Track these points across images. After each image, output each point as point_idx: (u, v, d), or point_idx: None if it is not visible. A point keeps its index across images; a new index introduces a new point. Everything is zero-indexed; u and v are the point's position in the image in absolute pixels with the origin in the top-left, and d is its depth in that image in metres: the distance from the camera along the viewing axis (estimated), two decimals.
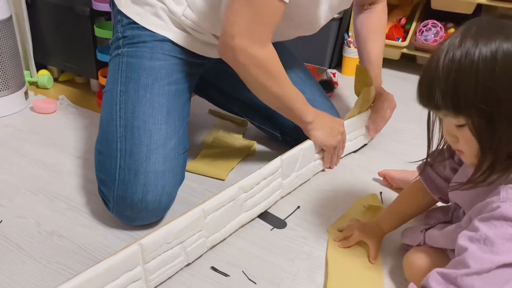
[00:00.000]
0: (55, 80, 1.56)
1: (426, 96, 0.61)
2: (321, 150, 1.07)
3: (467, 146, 0.62)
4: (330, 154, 1.08)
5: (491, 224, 0.58)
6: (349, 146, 1.15)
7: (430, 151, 0.72)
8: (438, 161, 0.76)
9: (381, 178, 1.07)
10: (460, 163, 0.74)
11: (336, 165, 1.13)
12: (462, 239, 0.61)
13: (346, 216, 0.94)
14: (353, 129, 1.14)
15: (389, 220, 0.85)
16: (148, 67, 0.93)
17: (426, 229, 0.77)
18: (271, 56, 0.90)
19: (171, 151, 0.89)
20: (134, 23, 0.96)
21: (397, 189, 1.05)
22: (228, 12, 0.85)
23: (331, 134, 1.05)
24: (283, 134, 1.17)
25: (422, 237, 0.77)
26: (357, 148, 1.19)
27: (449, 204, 0.79)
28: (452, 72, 0.57)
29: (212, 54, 1.04)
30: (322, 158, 1.09)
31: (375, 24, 1.20)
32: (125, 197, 0.85)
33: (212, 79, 1.19)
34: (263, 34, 0.87)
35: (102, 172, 0.90)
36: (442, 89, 0.58)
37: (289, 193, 1.01)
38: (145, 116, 0.89)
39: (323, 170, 1.12)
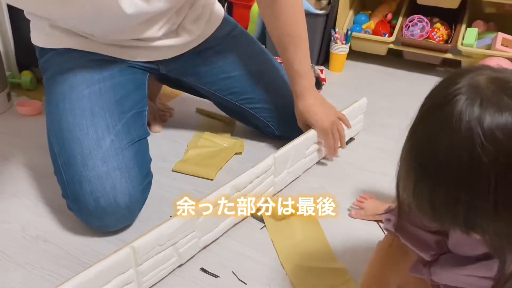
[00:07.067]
0: (39, 81, 1.53)
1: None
2: (319, 141, 1.06)
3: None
4: (329, 140, 1.06)
5: None
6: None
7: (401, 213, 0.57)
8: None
9: (366, 192, 1.00)
10: None
11: (343, 147, 1.12)
12: None
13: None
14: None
15: None
16: (61, 80, 0.95)
17: (430, 265, 0.63)
18: None
19: (108, 149, 0.87)
20: (41, 49, 1.01)
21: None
22: None
23: (328, 114, 1.04)
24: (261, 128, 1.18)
25: (427, 272, 0.63)
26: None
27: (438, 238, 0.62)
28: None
29: (126, 56, 1.02)
30: (319, 150, 1.08)
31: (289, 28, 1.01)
32: (81, 209, 0.84)
33: (183, 80, 1.16)
34: None
35: (62, 190, 0.89)
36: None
37: (280, 190, 1.01)
38: (69, 125, 0.89)
39: (327, 158, 1.12)
